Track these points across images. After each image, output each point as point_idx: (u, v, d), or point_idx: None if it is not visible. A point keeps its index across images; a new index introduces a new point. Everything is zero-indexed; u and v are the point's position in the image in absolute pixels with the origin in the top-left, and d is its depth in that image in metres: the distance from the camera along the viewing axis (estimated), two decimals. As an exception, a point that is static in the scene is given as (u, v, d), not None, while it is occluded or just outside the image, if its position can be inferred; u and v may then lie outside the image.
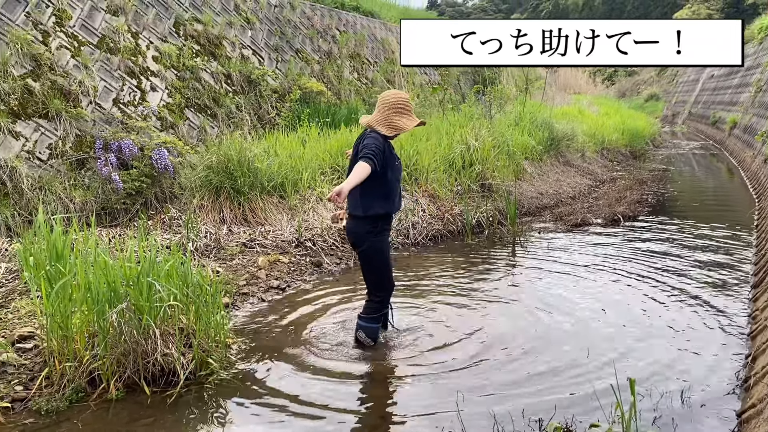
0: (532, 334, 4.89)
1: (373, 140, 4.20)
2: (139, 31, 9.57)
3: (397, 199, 4.49)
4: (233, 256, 6.78)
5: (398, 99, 4.31)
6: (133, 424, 3.60)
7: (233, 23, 11.88)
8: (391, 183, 4.37)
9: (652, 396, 3.80)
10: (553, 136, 13.47)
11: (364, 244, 4.38)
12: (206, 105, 10.16)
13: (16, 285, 5.49)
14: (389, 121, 4.26)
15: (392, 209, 4.44)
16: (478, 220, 8.84)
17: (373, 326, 4.57)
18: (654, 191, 12.10)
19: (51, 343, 3.93)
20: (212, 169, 7.69)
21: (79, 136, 7.77)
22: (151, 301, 3.96)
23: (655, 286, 6.02)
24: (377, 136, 4.25)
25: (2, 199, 6.71)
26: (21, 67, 7.51)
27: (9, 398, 3.75)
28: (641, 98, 45.92)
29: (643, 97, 46.06)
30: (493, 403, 3.75)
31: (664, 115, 38.94)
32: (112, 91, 8.58)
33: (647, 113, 32.85)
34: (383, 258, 4.47)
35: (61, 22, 8.35)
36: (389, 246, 4.63)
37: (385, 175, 4.29)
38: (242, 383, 4.10)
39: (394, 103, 4.28)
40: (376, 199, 4.31)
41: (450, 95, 15.38)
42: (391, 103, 4.28)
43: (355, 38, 16.10)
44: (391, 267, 4.57)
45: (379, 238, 4.41)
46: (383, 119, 4.26)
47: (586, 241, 8.08)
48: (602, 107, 24.41)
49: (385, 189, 4.32)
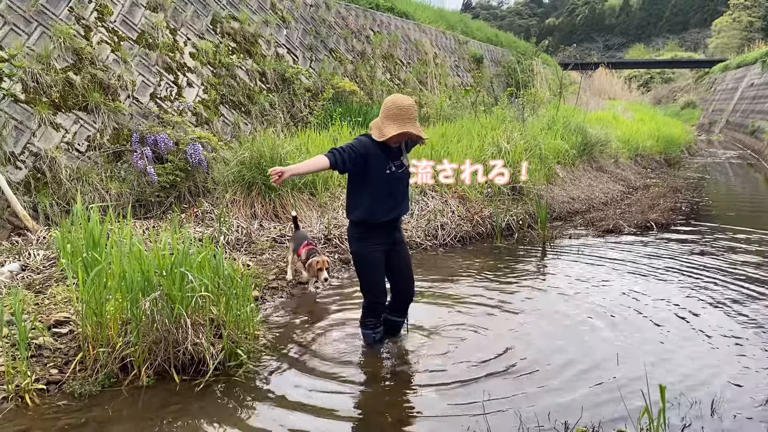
0: (560, 338, 4.84)
1: (355, 140, 4.19)
2: (177, 28, 9.73)
3: (386, 207, 4.25)
4: (263, 251, 6.85)
5: (392, 104, 4.09)
6: (162, 411, 3.66)
7: (269, 22, 12.00)
8: (378, 188, 4.19)
9: (682, 404, 3.73)
10: (586, 141, 13.32)
11: (351, 246, 4.47)
12: (240, 102, 10.28)
13: (52, 272, 5.64)
14: (380, 125, 4.13)
15: (375, 217, 4.22)
16: (507, 223, 8.79)
17: (364, 331, 4.57)
18: (688, 199, 11.88)
19: (86, 328, 4.02)
20: (245, 165, 7.79)
21: (116, 129, 7.93)
22: (183, 291, 4.03)
23: (689, 293, 5.91)
24: (363, 138, 4.20)
25: (42, 188, 6.89)
26: (63, 61, 7.69)
27: (44, 380, 3.85)
28: (677, 105, 45.13)
29: (679, 105, 45.27)
30: (519, 404, 3.73)
31: (701, 123, 38.22)
32: (150, 86, 8.74)
33: (683, 121, 32.26)
34: (365, 265, 4.35)
35: (102, 17, 8.53)
36: (378, 255, 4.33)
37: (367, 179, 4.17)
38: (269, 375, 4.14)
39: (387, 108, 4.10)
40: (360, 203, 4.22)
41: (482, 97, 15.32)
42: (385, 108, 4.13)
43: (388, 39, 16.14)
44: (376, 276, 4.39)
45: (363, 244, 4.29)
46: (377, 123, 4.17)
47: (618, 247, 7.97)
48: (637, 113, 24.05)
49: (369, 193, 4.19)
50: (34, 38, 7.54)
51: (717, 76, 42.00)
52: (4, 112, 6.88)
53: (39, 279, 5.49)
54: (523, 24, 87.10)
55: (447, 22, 21.17)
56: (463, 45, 20.89)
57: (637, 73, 56.06)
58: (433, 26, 19.48)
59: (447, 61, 19.08)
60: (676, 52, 60.81)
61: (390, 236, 4.38)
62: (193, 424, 3.52)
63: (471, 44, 21.55)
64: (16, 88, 7.09)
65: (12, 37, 7.32)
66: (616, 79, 39.59)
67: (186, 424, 3.52)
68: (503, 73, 22.96)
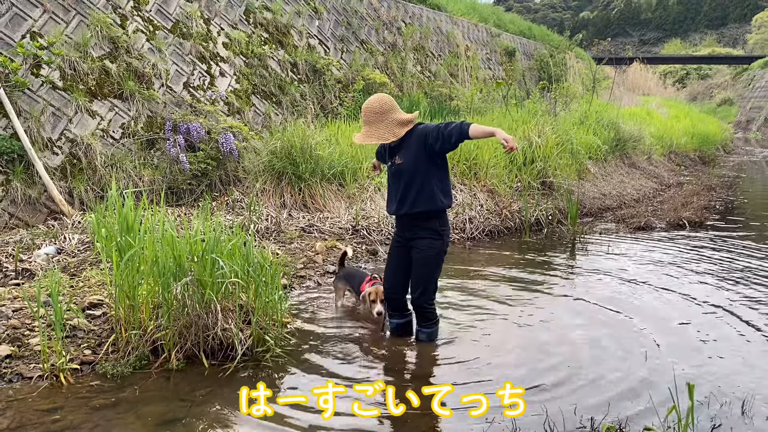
0: (588, 334, 4.80)
1: None
2: (211, 18, 9.82)
3: (391, 202, 4.38)
4: (292, 240, 6.90)
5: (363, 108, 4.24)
6: (191, 394, 3.72)
7: (301, 12, 12.05)
8: (388, 184, 4.40)
9: (711, 404, 3.67)
10: (619, 137, 13.15)
11: None
12: (272, 92, 10.35)
13: (87, 256, 5.76)
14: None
15: (388, 210, 4.48)
16: (537, 218, 8.72)
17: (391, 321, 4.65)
18: (723, 198, 11.66)
19: (118, 311, 4.11)
20: (275, 155, 7.85)
21: (150, 117, 8.05)
22: (213, 277, 4.08)
23: (720, 292, 5.81)
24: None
25: (77, 174, 7.03)
26: (100, 49, 7.82)
27: (78, 360, 3.95)
28: (714, 102, 44.21)
29: (715, 101, 44.34)
30: (545, 399, 3.70)
31: (738, 120, 37.38)
32: (183, 75, 8.85)
33: (719, 118, 31.60)
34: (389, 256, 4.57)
35: (138, 6, 8.65)
36: (393, 249, 4.54)
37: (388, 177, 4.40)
38: (296, 362, 4.18)
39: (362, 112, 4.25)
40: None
41: (514, 91, 15.19)
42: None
43: (420, 31, 16.08)
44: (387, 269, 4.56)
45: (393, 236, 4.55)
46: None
47: (649, 244, 7.86)
48: (672, 110, 23.63)
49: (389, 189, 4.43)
50: (72, 26, 7.69)
51: (756, 73, 41.02)
52: (42, 99, 7.03)
53: (74, 262, 5.61)
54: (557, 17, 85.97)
55: (479, 14, 21.00)
56: (496, 38, 20.71)
57: (673, 68, 54.94)
58: (466, 18, 19.34)
59: (479, 53, 18.94)
60: (714, 47, 59.45)
61: (403, 233, 4.40)
62: (222, 408, 3.57)
63: (503, 37, 21.35)
64: (54, 75, 7.24)
65: (51, 25, 7.47)
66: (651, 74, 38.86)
67: (214, 408, 3.57)
68: (536, 66, 22.71)
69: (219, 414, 3.52)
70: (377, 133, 4.13)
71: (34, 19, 7.35)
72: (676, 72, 55.26)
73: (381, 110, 4.14)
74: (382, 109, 4.14)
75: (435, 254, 4.33)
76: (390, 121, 4.15)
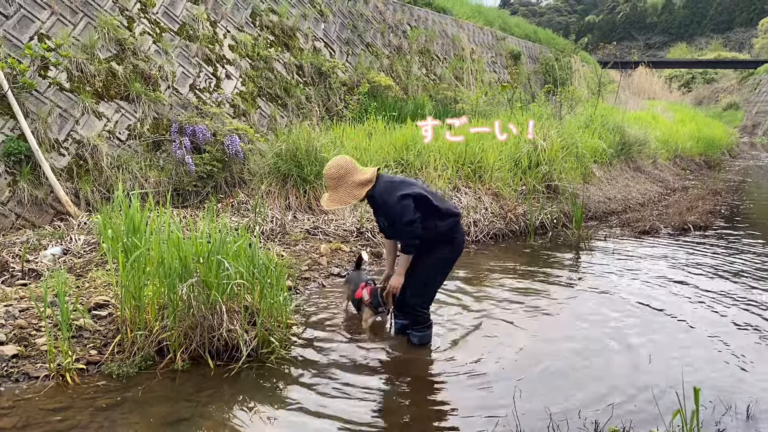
0: (594, 337, 4.80)
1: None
2: (217, 20, 9.86)
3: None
4: (297, 242, 6.92)
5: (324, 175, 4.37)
6: (197, 395, 3.73)
7: (307, 15, 12.08)
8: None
9: (717, 408, 3.67)
10: (624, 141, 13.13)
11: None
12: (277, 95, 10.38)
13: (93, 257, 5.79)
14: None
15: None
16: (541, 222, 8.72)
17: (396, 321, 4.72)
18: (728, 202, 11.63)
19: (124, 312, 4.13)
20: (281, 157, 7.87)
21: (156, 119, 8.08)
22: (219, 278, 4.10)
23: (725, 296, 5.80)
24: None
25: (83, 175, 7.06)
26: (107, 51, 7.86)
27: (84, 360, 3.97)
28: (719, 107, 44.12)
29: (721, 106, 44.26)
30: (550, 403, 3.71)
31: (744, 125, 37.30)
32: (189, 77, 8.88)
33: (725, 122, 31.52)
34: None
35: (145, 8, 8.69)
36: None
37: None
38: (300, 363, 4.19)
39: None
40: None
41: (519, 94, 15.19)
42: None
43: (425, 34, 16.10)
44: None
45: None
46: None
47: (654, 248, 7.85)
48: (677, 114, 23.58)
49: None
50: (79, 28, 7.73)
51: (762, 77, 40.93)
52: (49, 100, 7.07)
53: (80, 263, 5.64)
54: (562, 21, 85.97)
55: (485, 17, 21.01)
56: (501, 41, 20.72)
57: (679, 72, 54.87)
58: (471, 21, 19.36)
59: (484, 56, 18.95)
60: (720, 52, 59.31)
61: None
62: (227, 408, 3.59)
63: (509, 40, 21.36)
64: (61, 77, 7.28)
65: (58, 27, 7.52)
66: (657, 78, 38.80)
67: (219, 408, 3.58)
68: (541, 70, 22.71)
69: (224, 414, 3.53)
70: (337, 198, 4.24)
71: (42, 21, 7.40)
72: (682, 76, 55.18)
73: (338, 175, 4.22)
74: (339, 173, 4.23)
75: (437, 260, 4.36)
76: (349, 185, 4.22)
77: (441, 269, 4.43)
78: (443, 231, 4.29)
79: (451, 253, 4.38)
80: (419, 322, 4.46)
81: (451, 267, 4.50)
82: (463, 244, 4.49)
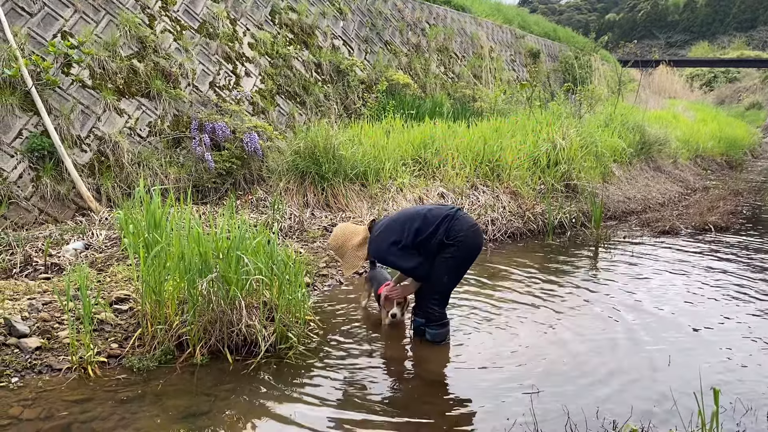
0: (611, 337, 4.76)
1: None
2: (237, 18, 9.92)
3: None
4: (315, 239, 6.95)
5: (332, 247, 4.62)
6: (215, 389, 3.77)
7: (326, 13, 12.11)
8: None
9: (737, 410, 3.63)
10: (644, 140, 13.01)
11: None
12: (296, 92, 10.42)
13: (114, 251, 5.86)
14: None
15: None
16: (560, 221, 8.67)
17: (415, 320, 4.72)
18: (750, 203, 11.47)
19: (145, 306, 4.18)
20: (299, 155, 7.91)
21: (176, 116, 8.15)
22: (238, 274, 4.13)
23: (744, 298, 5.72)
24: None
25: (105, 171, 7.15)
26: (128, 48, 7.95)
27: (105, 354, 4.02)
28: (742, 106, 43.50)
29: (744, 105, 43.64)
30: (567, 400, 3.69)
31: (766, 125, 36.74)
32: (209, 75, 8.95)
33: (747, 122, 31.09)
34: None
35: (166, 6, 8.77)
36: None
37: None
38: (318, 359, 4.21)
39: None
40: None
41: (538, 93, 15.11)
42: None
43: (444, 32, 16.06)
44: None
45: None
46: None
47: (674, 249, 7.77)
48: (698, 113, 23.31)
49: None
50: (101, 26, 7.82)
51: (786, 76, 40.22)
52: (72, 97, 7.16)
53: (101, 258, 5.71)
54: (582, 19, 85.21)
55: (504, 15, 20.92)
56: (520, 39, 20.60)
57: (700, 71, 54.13)
58: (490, 19, 19.28)
59: (503, 55, 18.86)
60: (743, 50, 58.38)
61: None
62: (245, 403, 3.62)
63: (528, 39, 21.24)
64: (83, 74, 7.37)
65: (81, 25, 7.61)
66: (678, 77, 38.35)
67: (238, 402, 3.61)
68: (560, 68, 22.55)
69: (242, 408, 3.56)
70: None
71: (66, 18, 7.49)
72: (704, 75, 54.43)
73: (338, 246, 4.52)
74: (338, 245, 4.52)
75: (444, 262, 4.36)
76: (351, 251, 4.48)
77: (450, 270, 4.41)
78: (441, 239, 4.32)
79: (457, 252, 4.33)
80: (432, 320, 4.49)
81: (464, 265, 4.48)
82: (471, 239, 4.38)
